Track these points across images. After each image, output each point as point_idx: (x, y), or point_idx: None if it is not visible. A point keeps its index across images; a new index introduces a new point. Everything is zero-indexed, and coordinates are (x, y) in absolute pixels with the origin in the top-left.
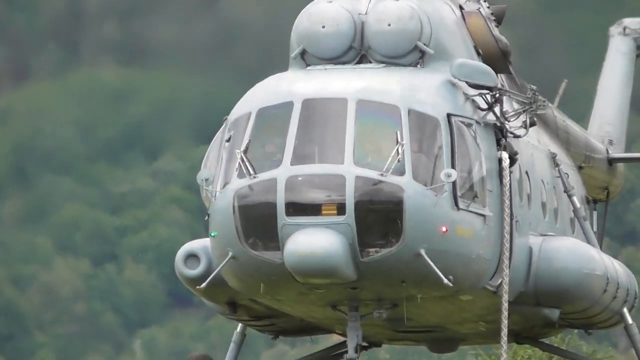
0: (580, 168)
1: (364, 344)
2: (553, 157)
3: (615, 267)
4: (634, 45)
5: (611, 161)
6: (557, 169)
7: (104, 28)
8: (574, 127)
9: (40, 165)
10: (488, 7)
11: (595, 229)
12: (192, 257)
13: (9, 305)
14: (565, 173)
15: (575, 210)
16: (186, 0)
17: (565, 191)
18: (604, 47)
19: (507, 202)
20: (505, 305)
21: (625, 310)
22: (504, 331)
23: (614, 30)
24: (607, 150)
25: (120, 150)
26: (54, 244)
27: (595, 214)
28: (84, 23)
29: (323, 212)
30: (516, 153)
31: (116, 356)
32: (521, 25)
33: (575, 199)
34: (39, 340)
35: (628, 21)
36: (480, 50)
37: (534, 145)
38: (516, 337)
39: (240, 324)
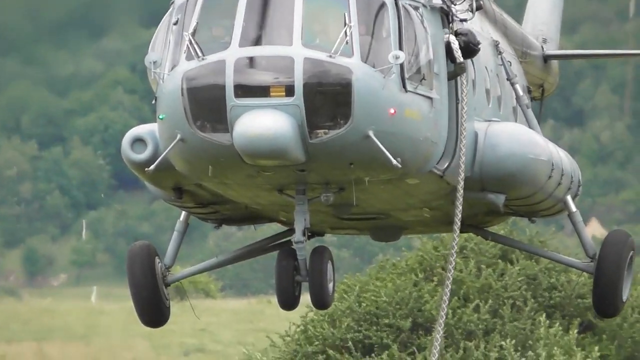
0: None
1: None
2: (496, 45)
3: (559, 154)
4: None
5: (546, 58)
6: (499, 56)
7: None
8: (511, 21)
9: None
10: None
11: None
12: (138, 141)
13: None
14: (508, 61)
15: (518, 97)
16: None
17: (507, 79)
18: None
19: (464, 89)
20: (461, 189)
21: (569, 197)
22: (458, 213)
23: None
24: (542, 47)
25: (65, 31)
26: (0, 126)
27: (529, 111)
28: None
29: (272, 93)
30: (478, 43)
31: (62, 237)
32: None
33: (518, 86)
34: None
35: None
36: None
37: (477, 32)
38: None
39: (183, 213)
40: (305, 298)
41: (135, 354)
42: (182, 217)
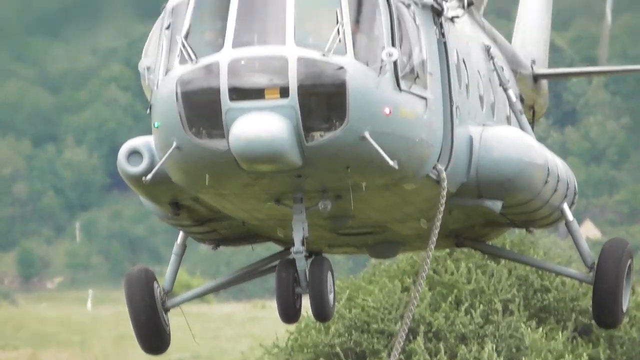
0: None
1: (305, 254)
2: (487, 50)
3: (555, 160)
4: None
5: (536, 77)
6: (491, 61)
7: None
8: (501, 37)
9: None
10: None
11: None
12: (134, 153)
13: None
14: (500, 66)
15: (511, 104)
16: None
17: (500, 85)
18: None
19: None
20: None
21: (565, 205)
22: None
23: None
24: (531, 66)
25: (59, 27)
26: None
27: (523, 117)
28: None
29: (267, 95)
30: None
31: (57, 239)
32: None
33: (510, 92)
34: None
35: None
36: None
37: (469, 35)
38: (457, 238)
39: (180, 235)
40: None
41: None
42: (179, 240)
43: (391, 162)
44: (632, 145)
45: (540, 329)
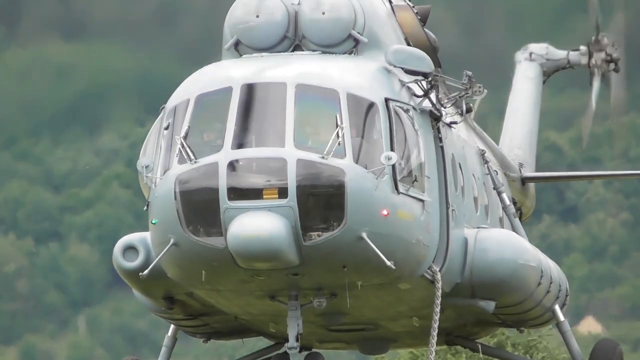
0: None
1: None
2: (482, 154)
3: (548, 262)
4: (540, 71)
5: (524, 180)
6: (486, 165)
7: (44, 4)
8: (490, 141)
9: None
10: (413, 7)
11: None
12: (130, 249)
13: None
14: (495, 170)
15: (505, 207)
16: None
17: (494, 188)
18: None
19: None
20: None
21: (557, 307)
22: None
23: (520, 55)
24: (520, 169)
25: (61, 128)
26: None
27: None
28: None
29: (265, 195)
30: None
31: (60, 333)
32: (463, 2)
33: (504, 195)
34: None
35: (534, 47)
36: (411, 43)
37: (464, 139)
38: (447, 336)
39: (171, 328)
40: None
41: None
42: (170, 332)
43: (388, 263)
44: (633, 242)
45: None
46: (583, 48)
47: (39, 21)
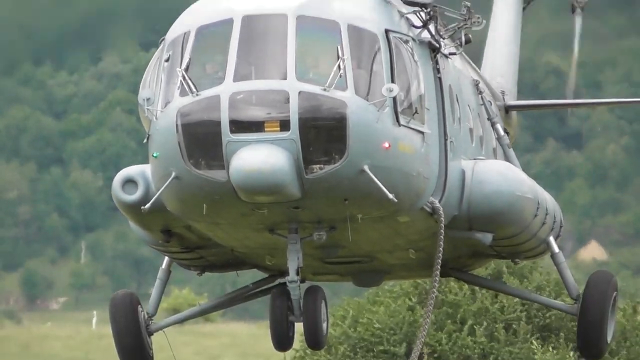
0: None
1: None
2: (476, 84)
3: (543, 193)
4: None
5: (507, 109)
6: (480, 96)
7: None
8: (478, 70)
9: None
10: None
11: None
12: (129, 182)
13: None
14: (488, 101)
15: (499, 137)
16: None
17: (488, 118)
18: None
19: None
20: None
21: (551, 238)
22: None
23: None
24: (503, 98)
25: (63, 52)
26: None
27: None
28: None
29: (267, 128)
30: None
31: (61, 259)
32: None
33: (498, 126)
34: None
35: None
36: None
37: (460, 70)
38: (442, 268)
39: (165, 260)
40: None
41: None
42: (164, 265)
43: (390, 196)
44: (636, 168)
45: (548, 346)
46: None
47: None
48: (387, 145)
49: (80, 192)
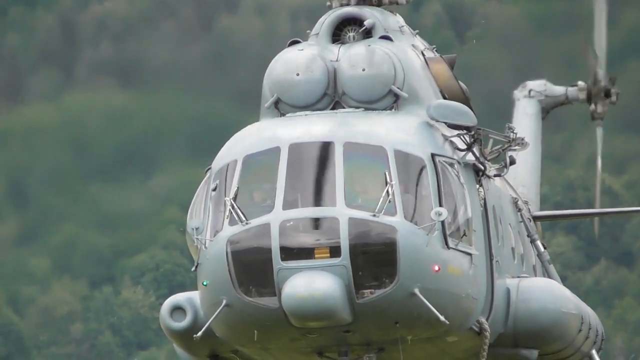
0: None
1: None
2: (515, 202)
3: (586, 308)
4: (540, 107)
5: (534, 219)
6: (519, 213)
7: (99, 49)
8: (512, 187)
9: (36, 186)
10: (441, 57)
11: None
12: (177, 309)
13: (7, 326)
14: (528, 218)
15: (539, 254)
16: (181, 20)
17: (528, 235)
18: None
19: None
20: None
21: (594, 351)
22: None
23: (519, 93)
24: (528, 209)
25: (115, 171)
26: (51, 265)
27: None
28: (78, 44)
29: (318, 255)
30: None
31: None
32: (515, 45)
33: (538, 243)
34: None
35: (532, 84)
36: (445, 95)
37: (500, 189)
38: None
39: None
40: None
41: None
42: None
43: (442, 318)
44: None
45: None
46: (581, 83)
47: (94, 66)
48: (437, 268)
49: (131, 310)
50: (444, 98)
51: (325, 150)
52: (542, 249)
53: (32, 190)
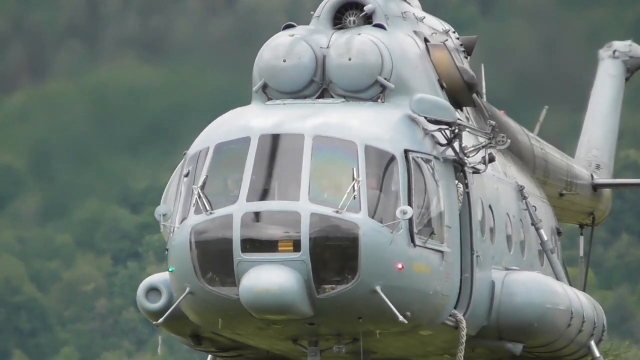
0: (561, 195)
1: None
2: (520, 190)
3: (580, 300)
4: (624, 68)
5: (596, 187)
6: (524, 201)
7: (124, 24)
8: (554, 154)
9: (59, 161)
10: (457, 39)
11: (581, 253)
12: (153, 290)
13: (31, 302)
14: (533, 206)
15: (542, 243)
16: None
17: (532, 224)
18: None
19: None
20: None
21: (592, 343)
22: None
23: (604, 53)
24: (591, 175)
25: (139, 146)
26: (75, 240)
27: (582, 238)
28: (103, 19)
29: (279, 248)
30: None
31: (138, 353)
32: (541, 22)
33: (542, 231)
34: (61, 337)
35: (617, 44)
36: (444, 84)
37: (499, 178)
38: None
39: (209, 355)
40: None
41: None
42: (208, 359)
43: (400, 317)
44: None
45: None
46: None
47: (119, 40)
48: (400, 266)
49: None
50: (442, 87)
51: (294, 142)
52: (545, 237)
53: (56, 165)
